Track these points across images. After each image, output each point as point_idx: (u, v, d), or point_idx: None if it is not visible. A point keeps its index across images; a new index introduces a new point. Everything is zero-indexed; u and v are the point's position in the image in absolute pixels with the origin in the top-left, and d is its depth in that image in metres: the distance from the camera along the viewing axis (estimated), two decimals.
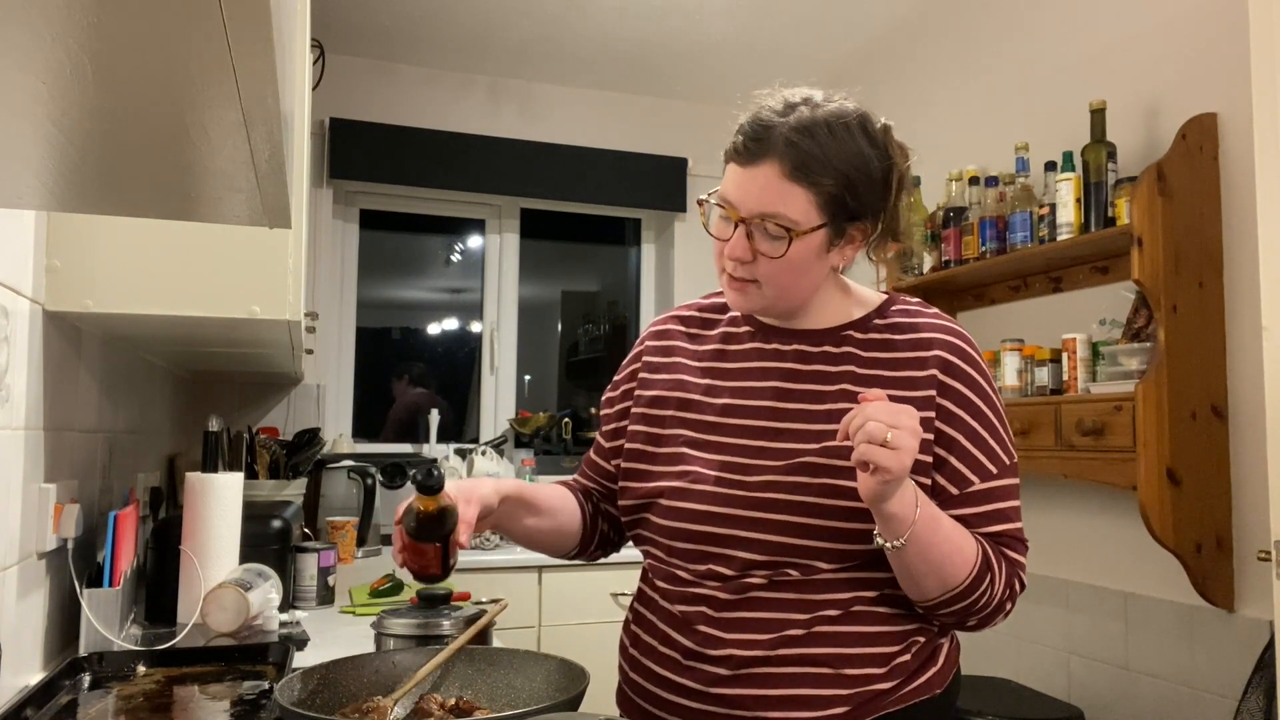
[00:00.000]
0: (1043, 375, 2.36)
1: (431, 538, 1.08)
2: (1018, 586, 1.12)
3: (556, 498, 1.29)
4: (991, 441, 1.12)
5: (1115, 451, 2.11)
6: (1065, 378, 2.30)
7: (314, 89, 3.20)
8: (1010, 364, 2.44)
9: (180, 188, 0.80)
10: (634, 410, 1.26)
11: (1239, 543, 2.08)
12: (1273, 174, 1.69)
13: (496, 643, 1.38)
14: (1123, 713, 2.34)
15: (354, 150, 3.53)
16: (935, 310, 1.20)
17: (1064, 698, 2.49)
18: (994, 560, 1.08)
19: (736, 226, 1.10)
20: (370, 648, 1.31)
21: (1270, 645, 1.83)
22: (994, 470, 1.12)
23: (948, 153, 3.02)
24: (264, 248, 1.49)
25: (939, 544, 1.03)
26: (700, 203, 1.16)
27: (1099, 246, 2.29)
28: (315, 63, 3.34)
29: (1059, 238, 2.30)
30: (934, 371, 1.12)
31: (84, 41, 0.49)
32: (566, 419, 3.84)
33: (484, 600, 2.06)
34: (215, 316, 1.49)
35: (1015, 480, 1.15)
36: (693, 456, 1.17)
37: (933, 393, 1.11)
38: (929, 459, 1.10)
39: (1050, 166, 2.41)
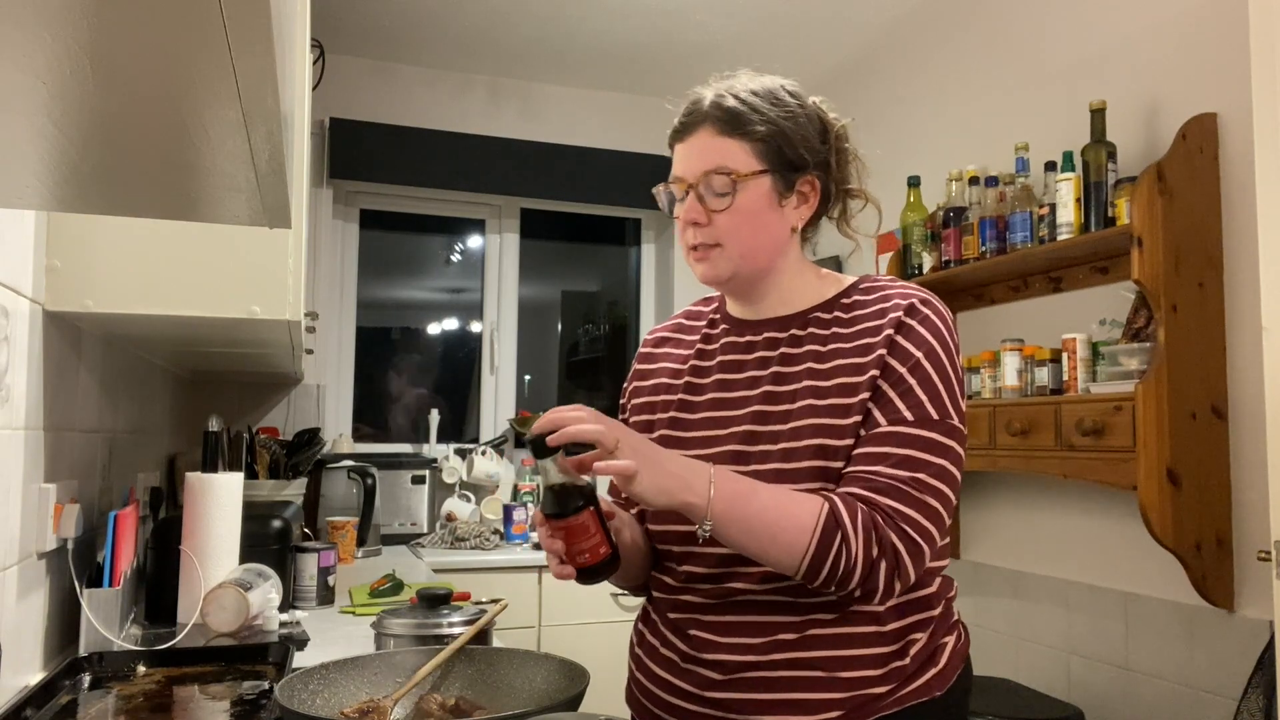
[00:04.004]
0: (1043, 375, 2.36)
1: (572, 505, 0.96)
2: (893, 538, 1.02)
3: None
4: (918, 390, 1.07)
5: (1115, 451, 2.11)
6: (1065, 378, 2.30)
7: (314, 89, 3.20)
8: (1010, 364, 2.44)
9: (180, 188, 0.80)
10: (631, 421, 1.28)
11: (1239, 543, 2.08)
12: (1273, 174, 1.69)
13: (496, 643, 1.38)
14: (1123, 713, 2.34)
15: (354, 150, 3.53)
16: (905, 283, 1.17)
17: (1064, 698, 2.49)
18: (845, 515, 1.01)
19: (687, 195, 1.15)
20: (370, 648, 1.31)
21: (1270, 645, 1.83)
22: (908, 417, 1.06)
23: (948, 153, 3.01)
24: (264, 248, 1.49)
25: (756, 515, 1.00)
26: (655, 193, 1.21)
27: (1099, 246, 2.29)
28: (315, 63, 3.34)
29: (1059, 238, 2.29)
30: (889, 332, 1.10)
31: (84, 41, 0.49)
32: None
33: (484, 600, 2.06)
34: (215, 316, 1.49)
35: (938, 436, 1.06)
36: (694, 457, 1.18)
37: (883, 352, 1.09)
38: (854, 401, 1.07)
39: (1050, 166, 2.41)
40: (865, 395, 1.08)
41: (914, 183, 2.88)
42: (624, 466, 0.96)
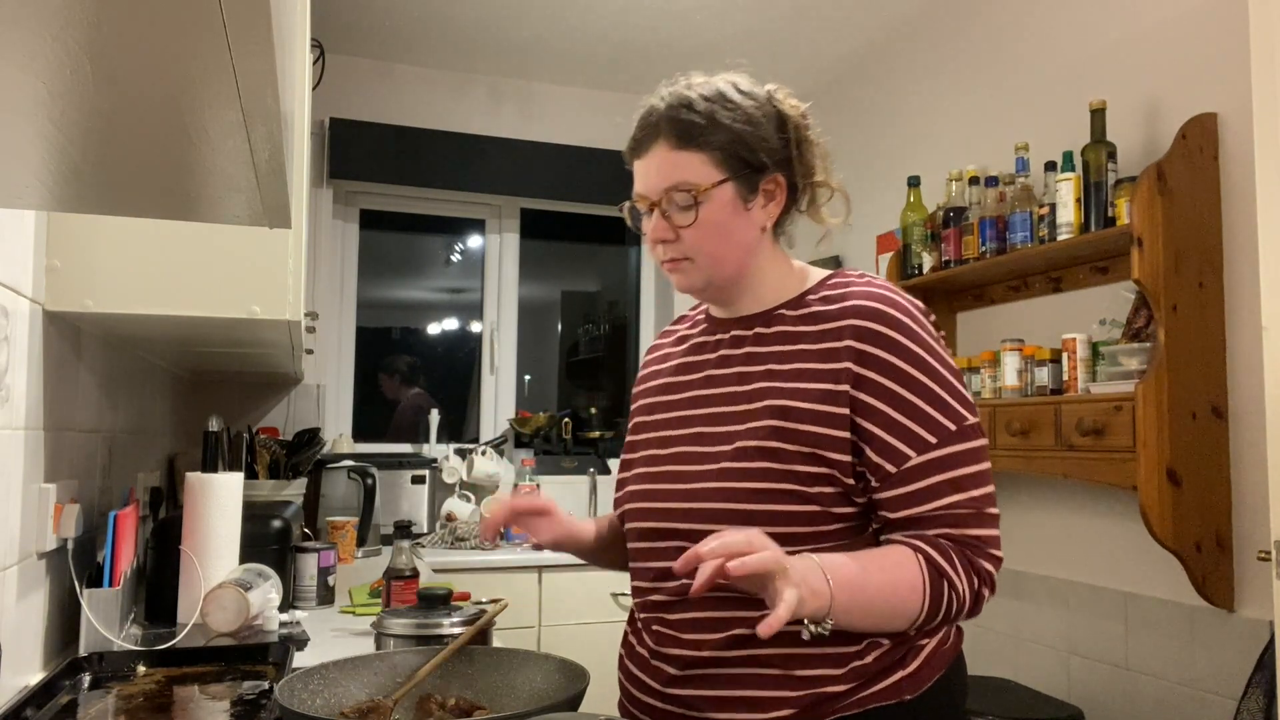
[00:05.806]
0: (1043, 375, 2.35)
1: None
2: (984, 564, 1.05)
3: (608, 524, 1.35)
4: (928, 409, 1.05)
5: (1115, 451, 2.11)
6: (1065, 378, 2.30)
7: (314, 89, 3.20)
8: (1010, 364, 2.44)
9: (180, 188, 0.80)
10: (630, 428, 1.33)
11: (1239, 543, 2.08)
12: (1273, 174, 1.69)
13: (496, 643, 1.38)
14: (1123, 713, 2.34)
15: (354, 150, 3.53)
16: (871, 279, 1.14)
17: (1064, 698, 2.49)
18: (943, 562, 1.03)
19: (652, 212, 1.14)
20: (370, 648, 1.31)
21: (1270, 645, 1.83)
22: (933, 440, 1.04)
23: (948, 153, 3.02)
24: (264, 248, 1.49)
25: (873, 593, 1.00)
26: (622, 209, 1.20)
27: (1099, 246, 2.29)
28: (315, 63, 3.34)
29: (1059, 238, 2.29)
30: (849, 341, 1.07)
31: (84, 41, 0.49)
32: (566, 419, 3.84)
33: (484, 600, 2.06)
34: (215, 316, 1.49)
35: (967, 445, 1.06)
36: (652, 457, 1.20)
37: (848, 364, 1.06)
38: (845, 434, 1.05)
39: (1050, 166, 2.41)
40: (826, 407, 1.06)
41: (914, 183, 2.88)
42: (791, 604, 0.90)
